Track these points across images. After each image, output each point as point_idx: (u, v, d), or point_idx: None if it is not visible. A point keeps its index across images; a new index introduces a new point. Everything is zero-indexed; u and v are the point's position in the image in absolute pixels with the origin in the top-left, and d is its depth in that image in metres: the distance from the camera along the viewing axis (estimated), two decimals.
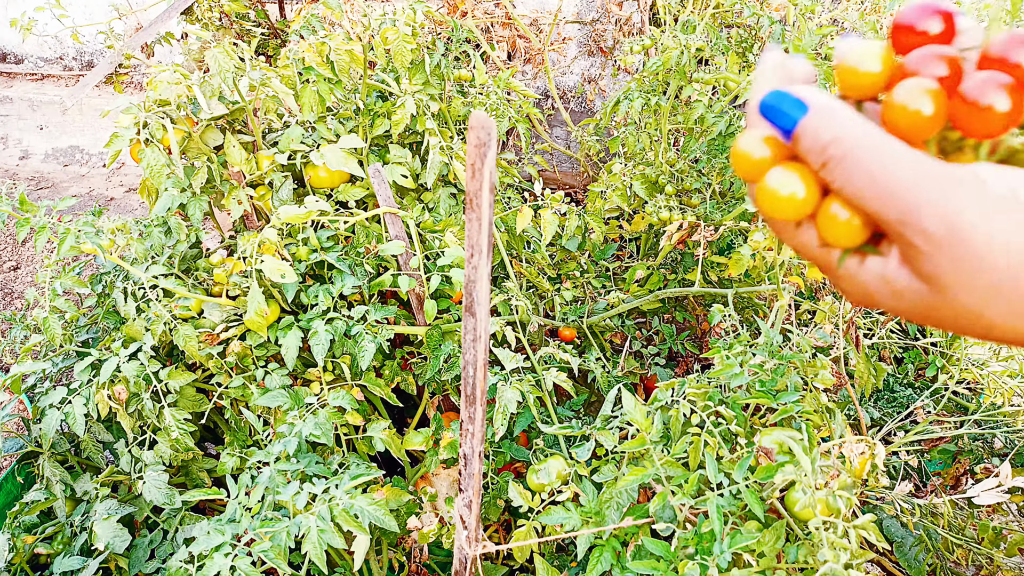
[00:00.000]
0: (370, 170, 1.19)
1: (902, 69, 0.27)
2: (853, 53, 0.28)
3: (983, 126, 0.25)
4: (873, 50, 0.28)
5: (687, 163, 1.52)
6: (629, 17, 2.41)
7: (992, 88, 0.25)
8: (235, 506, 0.97)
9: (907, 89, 0.26)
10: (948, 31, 0.28)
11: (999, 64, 0.26)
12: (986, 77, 0.25)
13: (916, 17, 0.28)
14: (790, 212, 0.28)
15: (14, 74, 3.64)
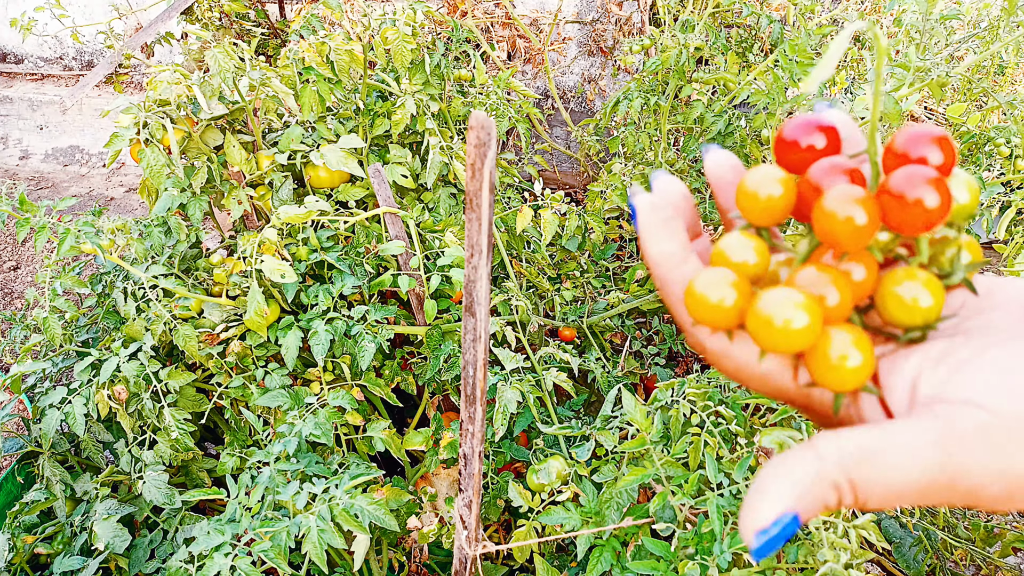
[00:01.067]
0: (370, 170, 1.19)
1: (808, 184, 0.27)
2: (755, 178, 0.28)
3: (917, 221, 0.25)
4: (772, 174, 0.27)
5: (687, 163, 1.52)
6: (629, 17, 2.41)
7: (918, 182, 0.25)
8: (235, 506, 0.97)
9: (837, 198, 0.25)
10: (833, 144, 0.28)
11: (904, 159, 0.26)
12: (910, 172, 0.25)
13: (800, 133, 0.27)
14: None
15: (14, 74, 3.64)
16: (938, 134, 0.26)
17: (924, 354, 0.26)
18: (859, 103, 1.11)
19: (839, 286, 0.26)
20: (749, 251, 0.27)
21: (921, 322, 0.26)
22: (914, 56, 1.10)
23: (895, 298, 0.26)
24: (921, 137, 0.26)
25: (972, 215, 0.27)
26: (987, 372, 0.24)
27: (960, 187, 0.27)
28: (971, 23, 1.96)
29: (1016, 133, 1.32)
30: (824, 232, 0.26)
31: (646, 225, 0.29)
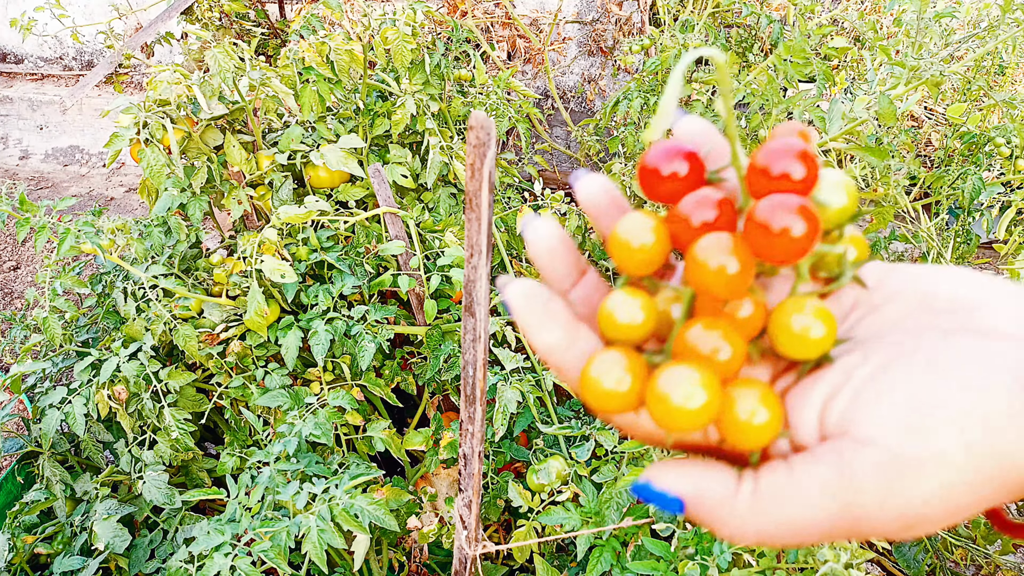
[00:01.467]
0: (370, 170, 1.19)
1: (679, 219, 0.27)
2: (626, 228, 0.27)
3: (787, 253, 0.25)
4: (642, 223, 0.27)
5: None
6: (629, 17, 2.41)
7: (781, 213, 0.24)
8: (235, 506, 0.97)
9: (707, 249, 0.25)
10: (695, 168, 0.27)
11: (766, 175, 0.25)
12: (772, 203, 0.25)
13: (661, 162, 0.27)
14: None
15: (14, 74, 3.64)
16: (798, 148, 0.25)
17: (827, 380, 0.26)
18: (859, 103, 1.11)
19: (730, 339, 0.26)
20: (635, 310, 0.26)
21: (816, 354, 0.26)
22: (910, 55, 1.10)
23: (786, 333, 0.26)
24: (781, 152, 0.25)
25: (854, 215, 0.27)
26: (885, 406, 0.24)
27: (836, 190, 0.26)
28: (971, 23, 1.96)
29: (1015, 132, 1.32)
30: (699, 284, 0.25)
31: (524, 319, 0.28)
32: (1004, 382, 0.23)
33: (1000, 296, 0.26)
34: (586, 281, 0.30)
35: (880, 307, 0.27)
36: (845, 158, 1.41)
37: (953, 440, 0.23)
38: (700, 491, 0.26)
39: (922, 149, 2.13)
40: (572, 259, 0.30)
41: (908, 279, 0.27)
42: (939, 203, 1.42)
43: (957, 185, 1.34)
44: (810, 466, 0.25)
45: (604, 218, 0.30)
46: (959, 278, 0.27)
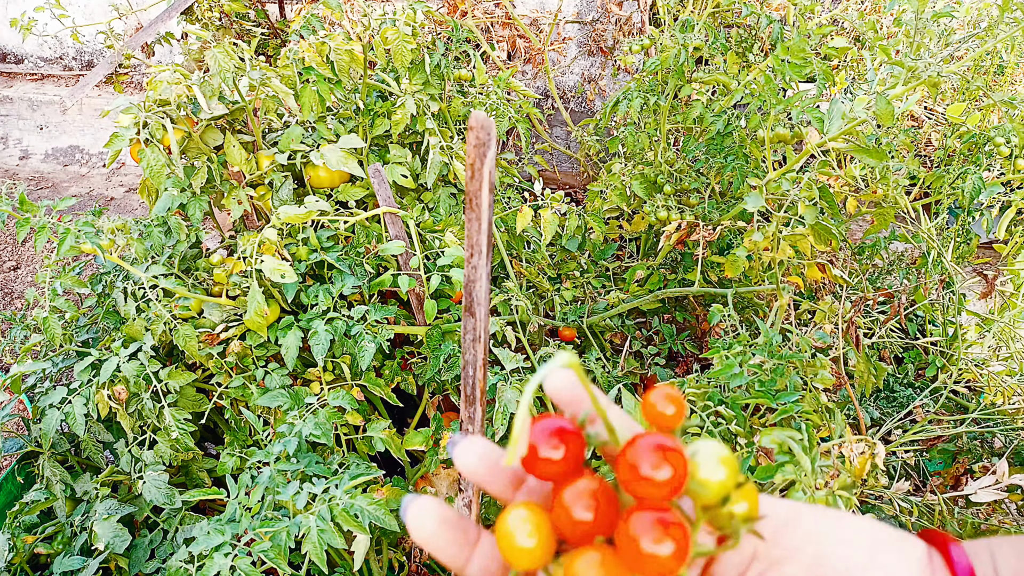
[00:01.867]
0: (370, 170, 1.19)
1: (561, 508, 0.28)
2: (509, 524, 0.28)
3: (657, 570, 0.26)
4: (525, 518, 0.28)
5: (686, 163, 1.52)
6: (629, 17, 2.41)
7: (647, 532, 0.25)
8: (235, 506, 0.97)
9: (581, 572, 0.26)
10: (573, 448, 0.28)
11: (634, 475, 0.26)
12: (639, 522, 0.26)
13: (538, 442, 0.28)
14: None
15: (14, 74, 3.64)
16: (663, 443, 0.26)
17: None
18: (858, 103, 1.11)
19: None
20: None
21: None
22: (909, 55, 1.10)
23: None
24: (649, 452, 0.26)
25: (736, 484, 0.28)
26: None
27: (714, 467, 0.27)
28: (971, 23, 1.96)
29: (1014, 132, 1.32)
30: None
31: (422, 539, 0.29)
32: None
33: (890, 566, 0.27)
34: (482, 551, 0.31)
35: (779, 563, 0.29)
36: (845, 158, 1.41)
37: None
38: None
39: (922, 149, 2.13)
40: (458, 536, 0.30)
41: (805, 537, 0.29)
42: (939, 203, 1.42)
43: (957, 185, 1.34)
44: None
45: (489, 486, 0.31)
46: (853, 540, 0.28)
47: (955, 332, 1.32)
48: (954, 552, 0.28)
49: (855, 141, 0.98)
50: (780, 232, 1.03)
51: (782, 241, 1.04)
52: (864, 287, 1.23)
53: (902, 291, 1.25)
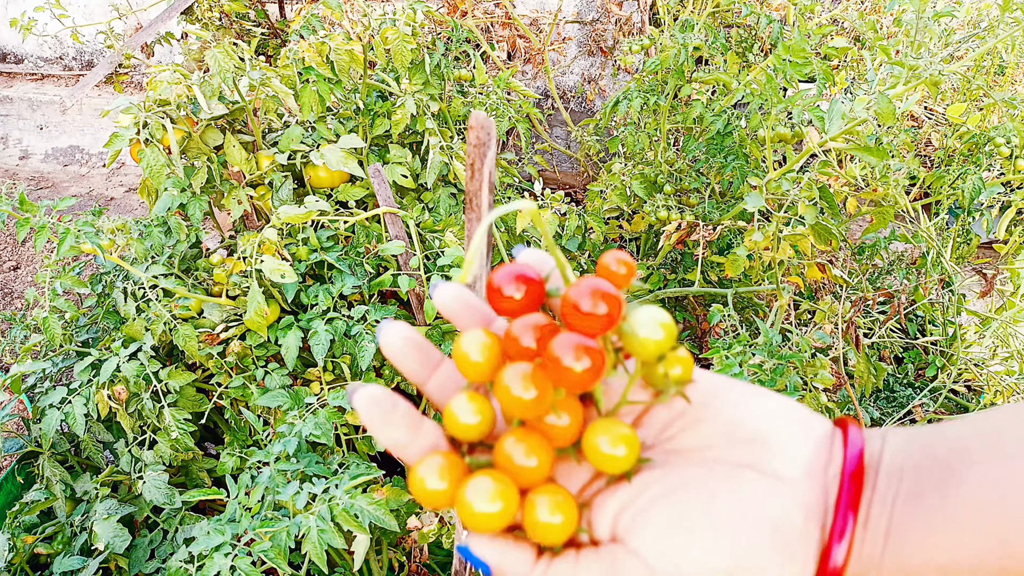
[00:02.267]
0: (370, 170, 1.19)
1: (510, 336, 0.31)
2: (464, 344, 0.32)
3: (576, 383, 0.29)
4: (478, 340, 0.32)
5: (686, 162, 1.52)
6: (629, 17, 2.41)
7: (566, 352, 0.29)
8: (235, 506, 0.97)
9: (510, 377, 0.30)
10: (532, 291, 0.32)
11: (575, 310, 0.29)
12: (562, 341, 0.29)
13: (502, 283, 0.32)
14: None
15: (14, 74, 3.64)
16: (600, 287, 0.29)
17: (626, 491, 0.31)
18: (859, 103, 1.11)
19: (536, 451, 0.31)
20: (471, 415, 0.31)
21: (617, 471, 0.31)
22: (909, 55, 1.10)
23: (594, 449, 0.31)
24: (588, 292, 0.29)
25: (672, 345, 0.31)
26: (656, 527, 0.29)
27: (652, 326, 0.30)
28: (971, 23, 1.96)
29: (1015, 132, 1.32)
30: (505, 406, 0.30)
31: (368, 422, 0.32)
32: (756, 530, 0.28)
33: (792, 433, 0.30)
34: (442, 372, 0.35)
35: (699, 424, 0.32)
36: (845, 158, 1.41)
37: (697, 574, 0.28)
38: (503, 563, 0.31)
39: (922, 149, 2.13)
40: (423, 356, 0.34)
41: (726, 404, 0.32)
42: (939, 203, 1.42)
43: (957, 185, 1.34)
44: (590, 564, 0.30)
45: (460, 320, 0.35)
46: (766, 410, 0.31)
47: (955, 332, 1.32)
48: (851, 431, 0.30)
49: (855, 140, 0.98)
50: (780, 232, 1.03)
51: (782, 241, 1.04)
52: (864, 287, 1.23)
53: (902, 291, 1.25)
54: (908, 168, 1.30)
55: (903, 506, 0.28)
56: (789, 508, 0.29)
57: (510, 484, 0.30)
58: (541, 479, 0.31)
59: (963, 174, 1.34)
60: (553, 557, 0.31)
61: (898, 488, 0.28)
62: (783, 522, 0.28)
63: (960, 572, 0.27)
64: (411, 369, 0.34)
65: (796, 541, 0.28)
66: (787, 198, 1.01)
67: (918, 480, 0.28)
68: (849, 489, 0.28)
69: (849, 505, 0.28)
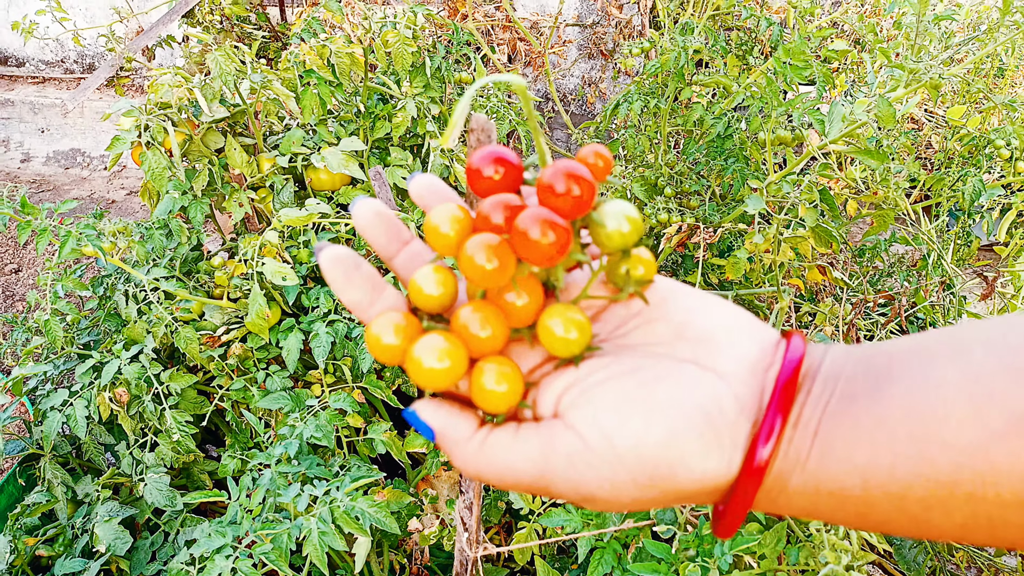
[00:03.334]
0: (371, 172, 1.19)
1: (480, 214, 0.32)
2: (435, 216, 0.32)
3: (539, 257, 0.29)
4: (449, 213, 0.32)
5: (686, 165, 1.52)
6: (629, 20, 2.42)
7: (534, 224, 0.29)
8: (236, 508, 0.97)
9: (473, 246, 0.30)
10: (510, 174, 0.32)
11: (549, 191, 0.30)
12: (531, 214, 0.29)
13: (482, 164, 0.32)
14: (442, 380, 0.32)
15: (15, 77, 3.64)
16: (576, 171, 0.29)
17: (572, 373, 0.32)
18: (859, 106, 1.11)
19: (490, 322, 0.31)
20: (434, 286, 0.32)
21: (567, 354, 0.31)
22: (909, 58, 1.10)
23: (547, 331, 0.31)
24: (563, 174, 0.30)
25: (637, 240, 0.32)
26: (596, 405, 0.30)
27: (619, 219, 0.31)
28: (971, 25, 1.97)
29: (1014, 135, 1.32)
30: (468, 274, 0.30)
31: (331, 278, 0.33)
32: (689, 415, 0.29)
33: (738, 337, 0.32)
34: (409, 249, 0.35)
35: (652, 323, 0.33)
36: (845, 160, 1.41)
37: (628, 448, 0.29)
38: (445, 428, 0.32)
39: (922, 152, 2.13)
40: (393, 232, 0.35)
41: (681, 307, 0.33)
42: (939, 205, 1.43)
43: (957, 187, 1.34)
44: (529, 435, 0.31)
45: (430, 207, 0.35)
46: (716, 314, 0.33)
47: None
48: (794, 339, 0.31)
49: (856, 143, 0.98)
50: (781, 234, 1.03)
51: (783, 243, 1.04)
52: (865, 289, 1.23)
53: (903, 293, 1.25)
54: (908, 171, 1.30)
55: (834, 407, 0.29)
56: (723, 400, 0.30)
57: (460, 346, 0.31)
58: (493, 351, 0.32)
59: (963, 176, 1.34)
60: (495, 427, 0.32)
61: (832, 392, 0.29)
62: (716, 412, 0.29)
63: (879, 475, 0.27)
64: (380, 243, 0.35)
65: (725, 431, 0.29)
66: (787, 201, 1.01)
67: (852, 386, 0.29)
68: (782, 390, 0.29)
69: (780, 405, 0.29)
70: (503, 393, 0.31)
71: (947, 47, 1.36)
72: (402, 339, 0.31)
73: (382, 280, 0.34)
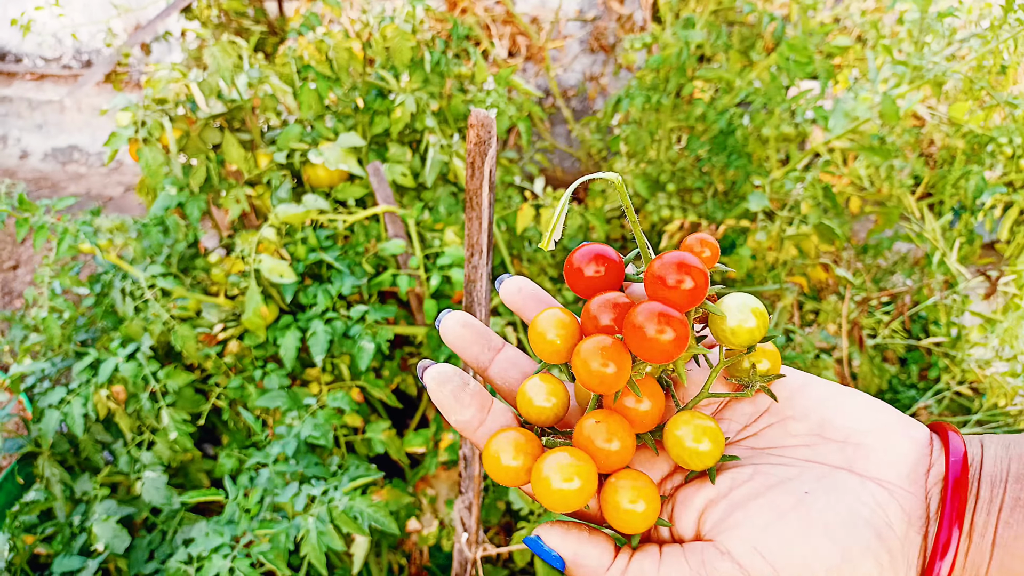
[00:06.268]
0: (369, 168, 1.18)
1: (588, 315, 0.30)
2: (540, 323, 0.30)
3: (658, 354, 0.27)
4: (556, 319, 0.30)
5: (688, 161, 1.51)
6: (631, 14, 2.40)
7: (650, 320, 0.27)
8: (234, 507, 0.97)
9: (588, 351, 0.28)
10: (612, 270, 0.31)
11: (660, 283, 0.28)
12: (647, 309, 0.27)
13: (581, 263, 0.31)
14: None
15: (13, 73, 3.63)
16: (687, 261, 0.28)
17: (712, 487, 0.29)
18: (861, 102, 1.10)
19: (618, 434, 0.29)
20: (545, 397, 0.30)
21: (700, 467, 0.29)
22: (912, 54, 1.09)
23: (676, 442, 0.29)
24: (674, 265, 0.28)
25: (764, 336, 0.30)
26: (750, 526, 0.27)
27: (743, 312, 0.29)
28: (972, 22, 1.95)
29: (1017, 132, 1.31)
30: (583, 380, 0.28)
31: (439, 401, 0.31)
32: (859, 534, 0.26)
33: (891, 437, 0.29)
34: (504, 357, 0.34)
35: (786, 421, 0.30)
36: (848, 157, 1.40)
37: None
38: (578, 557, 0.29)
39: (925, 148, 2.12)
40: (483, 341, 0.33)
41: (815, 401, 0.30)
42: (942, 203, 1.41)
43: (960, 185, 1.33)
44: (676, 561, 0.28)
45: (526, 312, 0.34)
46: (858, 410, 0.30)
47: (958, 333, 1.31)
48: (952, 437, 0.29)
49: (859, 140, 0.97)
50: (784, 232, 1.02)
51: (786, 241, 1.03)
52: (868, 287, 1.22)
53: (906, 291, 1.24)
54: (912, 168, 1.29)
55: (1008, 516, 0.27)
56: (891, 514, 0.27)
57: (589, 463, 0.28)
58: (622, 463, 0.29)
59: (965, 173, 1.33)
60: (634, 552, 0.29)
61: (1003, 496, 0.27)
62: (885, 528, 0.27)
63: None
64: (471, 354, 0.33)
65: (898, 549, 0.27)
66: (791, 198, 1.00)
67: (1021, 489, 0.27)
68: (954, 498, 0.27)
69: (954, 516, 0.27)
70: (641, 513, 0.28)
71: (950, 43, 1.35)
72: (524, 458, 0.29)
73: (489, 396, 0.32)
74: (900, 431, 0.29)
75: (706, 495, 0.29)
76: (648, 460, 0.31)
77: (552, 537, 0.29)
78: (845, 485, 0.28)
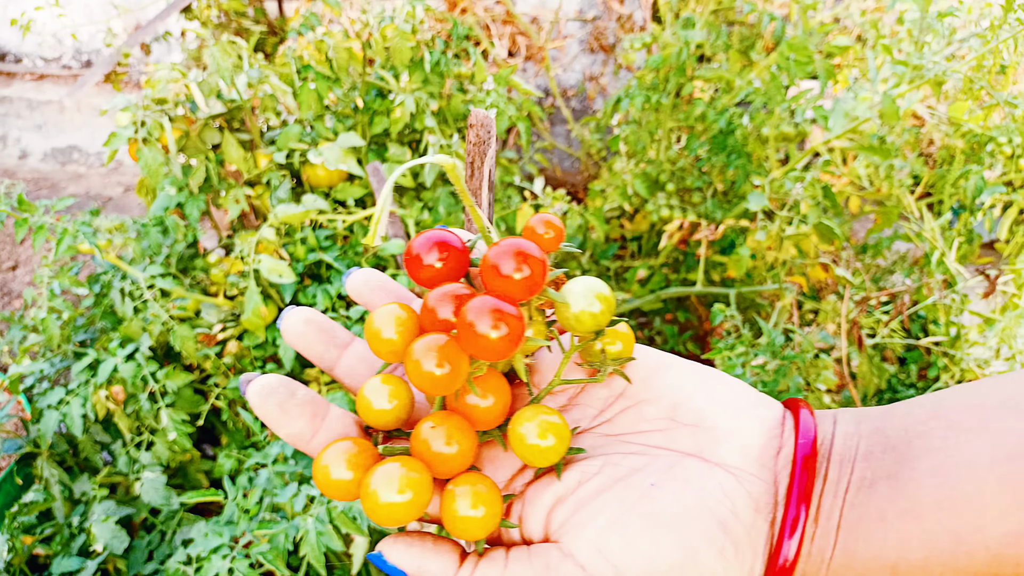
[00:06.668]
0: (369, 168, 1.18)
1: (427, 308, 0.28)
2: (376, 320, 0.29)
3: (491, 353, 0.26)
4: (392, 315, 0.29)
5: (688, 161, 1.51)
6: (631, 14, 2.40)
7: (480, 317, 0.26)
8: (233, 508, 0.97)
9: (420, 351, 0.27)
10: (455, 258, 0.29)
11: (495, 273, 0.27)
12: (476, 307, 0.26)
13: (421, 251, 0.29)
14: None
15: (13, 73, 3.63)
16: (523, 248, 0.27)
17: (561, 484, 0.28)
18: (861, 102, 1.10)
19: (456, 436, 0.27)
20: (385, 399, 0.28)
21: (544, 464, 0.28)
22: (912, 54, 1.09)
23: (519, 440, 0.28)
24: (510, 253, 0.27)
25: (610, 321, 0.29)
26: (595, 525, 0.27)
27: (587, 299, 0.28)
28: (972, 21, 1.95)
29: (1016, 132, 1.31)
30: (417, 383, 0.27)
31: (265, 416, 0.29)
32: (704, 527, 0.26)
33: (741, 419, 0.28)
34: (351, 353, 0.32)
35: (640, 405, 0.30)
36: (847, 156, 1.40)
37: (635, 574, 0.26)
38: (421, 570, 0.28)
39: (924, 148, 2.12)
40: (327, 338, 0.31)
41: (670, 385, 0.30)
42: (941, 202, 1.42)
43: (959, 184, 1.33)
44: (521, 566, 0.27)
45: (374, 305, 0.32)
46: (711, 391, 0.29)
47: (957, 332, 1.31)
48: (803, 415, 0.28)
49: (859, 139, 0.97)
50: (783, 231, 1.02)
51: (785, 240, 1.03)
52: (867, 287, 1.22)
53: (905, 291, 1.24)
54: (911, 167, 1.29)
55: (854, 497, 0.26)
56: (738, 502, 0.26)
57: (422, 471, 0.27)
58: (462, 467, 0.28)
59: (965, 173, 1.33)
60: (479, 559, 0.28)
61: (850, 477, 0.26)
62: (731, 518, 0.26)
63: (912, 569, 0.25)
64: (316, 353, 0.31)
65: (744, 539, 0.26)
66: (790, 197, 1.00)
67: (870, 467, 0.26)
68: (801, 479, 0.26)
69: (801, 497, 0.26)
70: (480, 519, 0.27)
71: (949, 43, 1.35)
72: (355, 471, 0.27)
73: (324, 402, 0.29)
74: (751, 412, 0.28)
75: (555, 492, 0.28)
76: (497, 457, 0.30)
77: (394, 552, 0.28)
78: (692, 474, 0.27)
